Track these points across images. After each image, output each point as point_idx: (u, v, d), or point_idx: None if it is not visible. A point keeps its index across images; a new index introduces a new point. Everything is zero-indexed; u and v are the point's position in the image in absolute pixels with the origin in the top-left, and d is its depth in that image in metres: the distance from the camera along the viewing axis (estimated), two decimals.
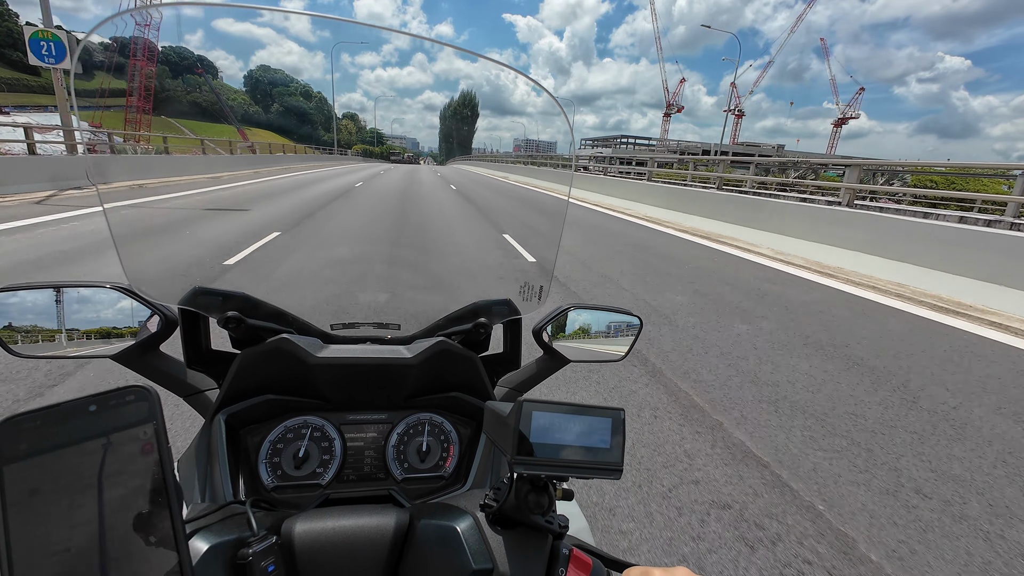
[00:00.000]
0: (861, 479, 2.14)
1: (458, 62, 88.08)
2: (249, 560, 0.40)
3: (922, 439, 2.51)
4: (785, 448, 2.36)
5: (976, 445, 2.48)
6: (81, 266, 4.59)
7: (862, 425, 2.61)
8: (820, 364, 3.44)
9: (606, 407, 0.43)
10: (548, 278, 0.95)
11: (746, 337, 3.90)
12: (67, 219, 6.90)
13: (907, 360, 3.61)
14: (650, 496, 1.95)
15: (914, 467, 2.26)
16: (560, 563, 0.45)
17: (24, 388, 2.38)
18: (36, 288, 0.63)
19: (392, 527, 0.50)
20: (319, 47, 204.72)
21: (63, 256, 4.89)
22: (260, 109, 79.96)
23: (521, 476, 0.45)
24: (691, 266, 6.60)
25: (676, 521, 1.83)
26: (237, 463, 0.66)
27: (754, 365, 3.35)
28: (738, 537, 1.76)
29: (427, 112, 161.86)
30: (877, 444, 2.44)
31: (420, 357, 0.72)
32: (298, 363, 0.68)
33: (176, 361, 0.75)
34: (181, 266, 3.82)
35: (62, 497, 0.29)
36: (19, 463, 0.28)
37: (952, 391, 3.12)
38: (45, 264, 4.57)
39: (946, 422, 2.71)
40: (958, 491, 2.10)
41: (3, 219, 6.52)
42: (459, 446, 0.78)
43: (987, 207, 10.57)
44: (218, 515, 0.46)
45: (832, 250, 7.73)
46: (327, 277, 3.20)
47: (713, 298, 5.02)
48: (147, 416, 0.32)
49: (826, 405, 2.82)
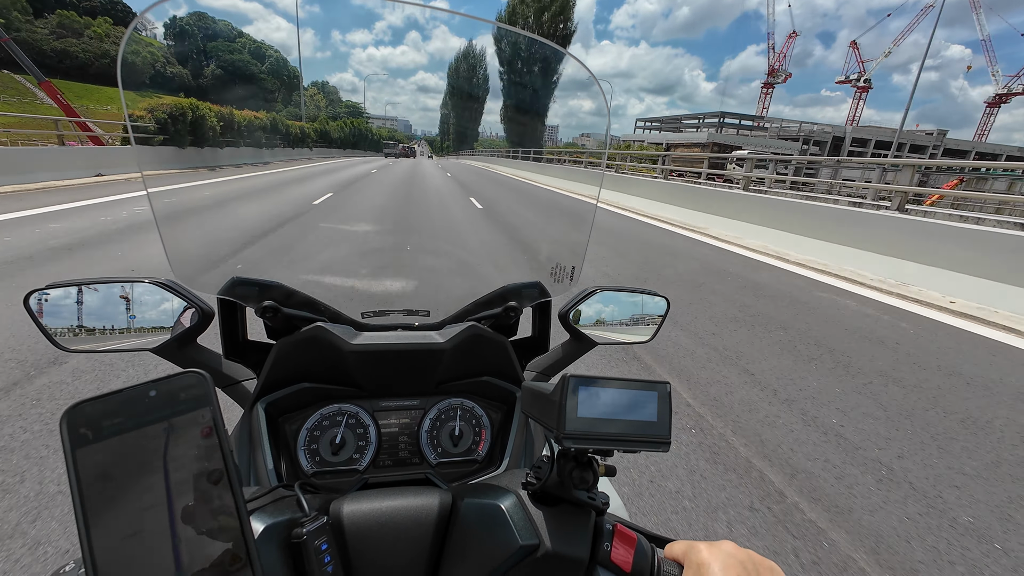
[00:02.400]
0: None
1: (453, 40, 67.36)
2: (304, 539, 0.42)
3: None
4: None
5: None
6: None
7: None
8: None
9: (651, 380, 0.43)
10: (580, 258, 0.93)
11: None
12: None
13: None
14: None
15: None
16: (605, 538, 0.45)
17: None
18: (79, 284, 0.64)
19: (436, 507, 0.51)
20: (309, 24, 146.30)
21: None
22: (184, 71, 49.35)
23: (564, 453, 0.45)
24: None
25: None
26: (278, 450, 0.68)
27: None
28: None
29: (420, 94, 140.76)
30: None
31: (452, 342, 0.72)
32: (333, 351, 0.69)
33: (213, 353, 0.77)
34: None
35: (131, 480, 0.29)
36: (88, 447, 0.29)
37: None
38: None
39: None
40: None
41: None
42: (491, 431, 0.78)
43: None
44: (268, 497, 0.47)
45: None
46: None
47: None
48: (204, 400, 0.33)
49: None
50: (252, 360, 0.78)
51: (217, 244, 2.84)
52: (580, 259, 0.93)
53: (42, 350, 2.68)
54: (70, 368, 2.56)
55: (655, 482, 1.92)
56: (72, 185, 9.74)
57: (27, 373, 2.48)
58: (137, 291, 0.68)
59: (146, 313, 0.68)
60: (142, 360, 2.67)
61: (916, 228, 5.98)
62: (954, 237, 5.48)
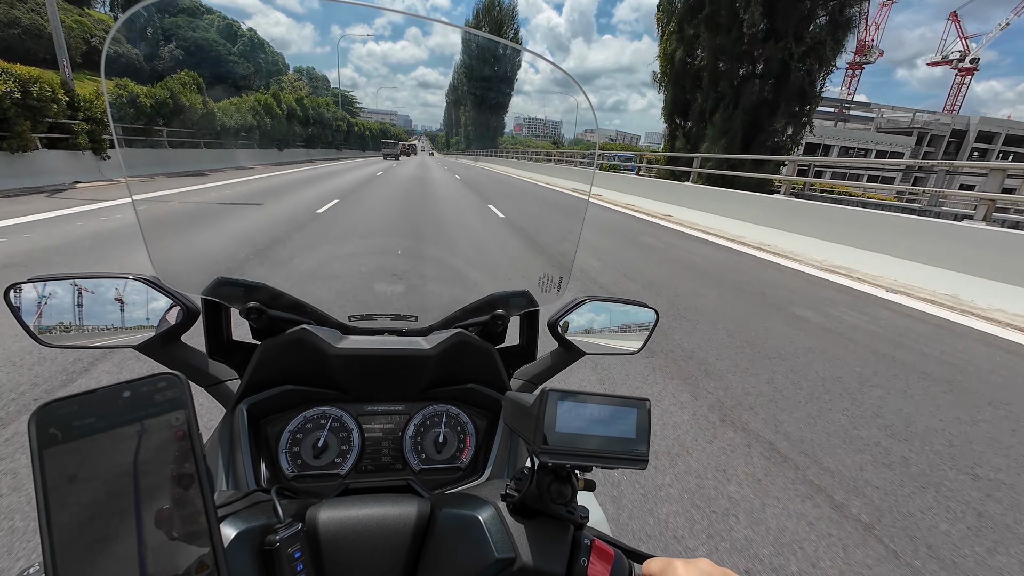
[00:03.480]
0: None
1: (453, 36, 67.01)
2: (276, 546, 0.41)
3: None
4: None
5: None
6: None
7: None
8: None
9: (631, 397, 0.43)
10: (567, 270, 0.94)
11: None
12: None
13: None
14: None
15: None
16: (582, 553, 0.45)
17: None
18: (62, 279, 0.63)
19: (414, 516, 0.50)
20: (308, 18, 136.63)
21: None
22: (137, 54, 36.09)
23: (544, 466, 0.45)
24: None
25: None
26: (259, 452, 0.67)
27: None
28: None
29: (421, 89, 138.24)
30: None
31: (438, 348, 0.72)
32: (318, 354, 0.68)
33: (198, 352, 0.76)
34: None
35: (100, 483, 0.29)
36: (57, 447, 0.28)
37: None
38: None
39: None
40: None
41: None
42: (475, 438, 0.78)
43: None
44: (243, 502, 0.46)
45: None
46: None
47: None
48: (179, 403, 0.32)
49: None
50: (236, 360, 0.78)
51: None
52: (567, 270, 0.94)
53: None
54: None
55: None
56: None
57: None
58: (121, 287, 0.67)
59: (130, 310, 0.67)
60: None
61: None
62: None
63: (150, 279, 0.67)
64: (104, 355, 2.68)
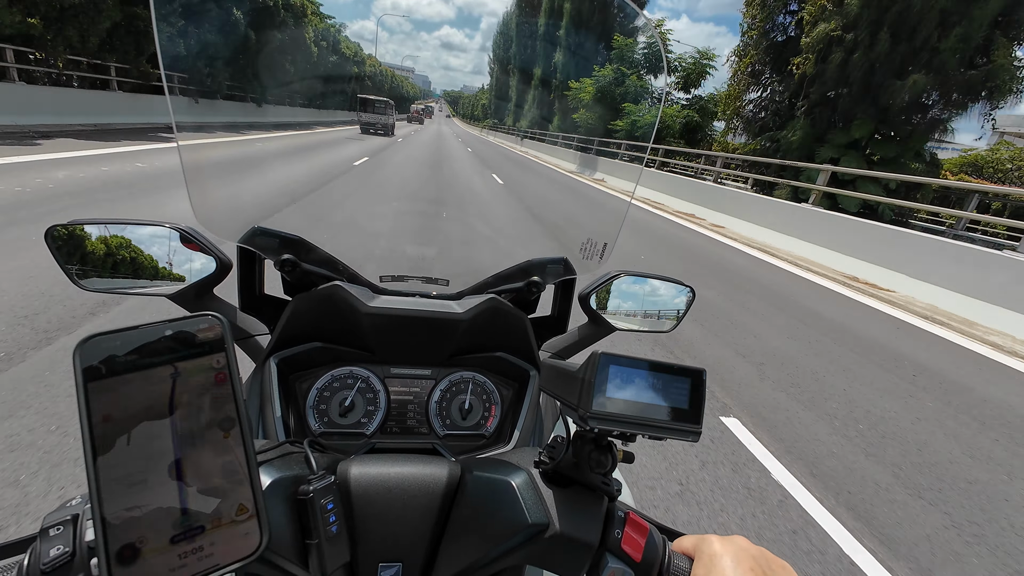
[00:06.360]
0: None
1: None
2: (311, 496, 0.41)
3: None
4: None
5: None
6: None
7: None
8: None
9: (686, 366, 0.40)
10: (613, 236, 0.89)
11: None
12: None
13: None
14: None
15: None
16: (616, 524, 0.44)
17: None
18: (100, 223, 0.64)
19: (445, 478, 0.50)
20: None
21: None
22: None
23: (582, 434, 0.43)
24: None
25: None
26: (287, 406, 0.68)
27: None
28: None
29: (443, 51, 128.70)
30: None
31: (470, 313, 0.71)
32: (350, 311, 0.68)
33: (229, 305, 0.76)
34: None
35: (141, 420, 0.29)
36: (100, 381, 0.28)
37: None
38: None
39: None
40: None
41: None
42: (501, 407, 0.77)
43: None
44: (276, 451, 0.47)
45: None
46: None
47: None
48: (219, 344, 0.31)
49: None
50: (267, 315, 0.78)
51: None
52: (613, 237, 0.89)
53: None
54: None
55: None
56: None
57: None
58: (158, 235, 0.67)
59: (165, 259, 0.68)
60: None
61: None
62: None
63: (186, 229, 0.67)
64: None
